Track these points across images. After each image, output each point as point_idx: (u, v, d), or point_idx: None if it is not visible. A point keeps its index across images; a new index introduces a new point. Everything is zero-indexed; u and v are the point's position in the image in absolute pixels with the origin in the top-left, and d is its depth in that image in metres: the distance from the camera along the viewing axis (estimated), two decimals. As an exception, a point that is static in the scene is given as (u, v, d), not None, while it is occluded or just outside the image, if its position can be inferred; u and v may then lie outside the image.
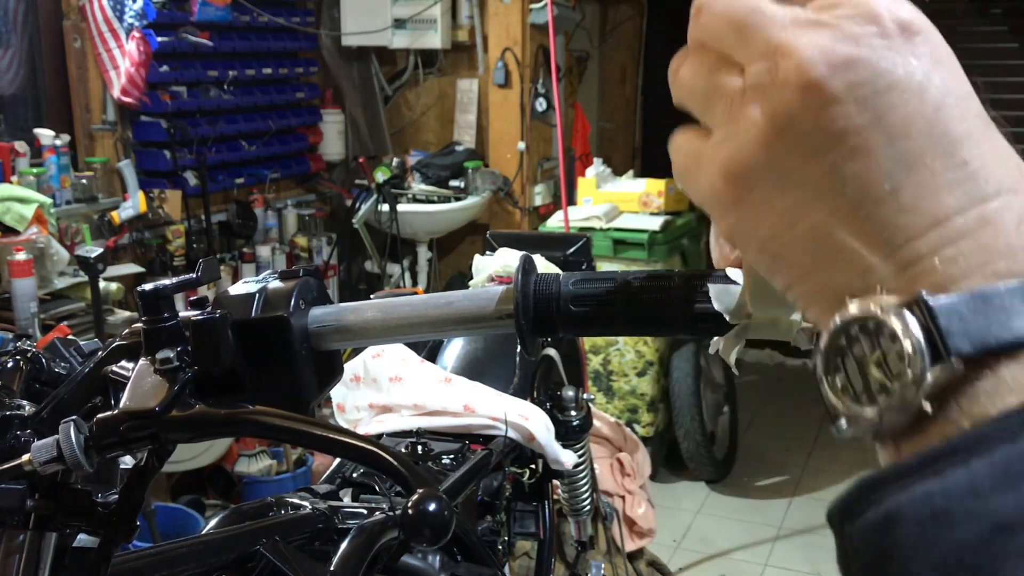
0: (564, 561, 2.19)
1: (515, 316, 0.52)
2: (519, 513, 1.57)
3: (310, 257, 4.44)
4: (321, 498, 1.02)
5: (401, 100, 4.78)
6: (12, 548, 0.61)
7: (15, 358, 0.72)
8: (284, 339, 0.56)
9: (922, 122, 0.33)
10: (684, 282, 0.50)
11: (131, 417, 0.57)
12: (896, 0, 0.35)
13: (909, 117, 0.33)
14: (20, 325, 2.74)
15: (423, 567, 1.09)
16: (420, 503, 0.52)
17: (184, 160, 3.79)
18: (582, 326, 0.52)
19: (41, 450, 0.57)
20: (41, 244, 2.88)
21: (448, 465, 1.26)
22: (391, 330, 0.56)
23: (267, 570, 0.83)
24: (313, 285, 0.60)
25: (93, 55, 3.55)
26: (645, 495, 2.86)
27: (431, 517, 0.52)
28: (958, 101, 0.34)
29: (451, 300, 0.55)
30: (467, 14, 4.43)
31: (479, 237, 4.43)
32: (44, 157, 3.29)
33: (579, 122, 4.84)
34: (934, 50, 0.35)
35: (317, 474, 3.32)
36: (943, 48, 0.35)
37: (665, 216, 3.76)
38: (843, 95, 0.33)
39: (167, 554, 0.79)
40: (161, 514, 2.76)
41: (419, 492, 0.53)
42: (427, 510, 0.52)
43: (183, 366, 0.57)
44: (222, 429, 0.58)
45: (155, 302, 0.59)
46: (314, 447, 0.59)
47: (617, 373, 3.66)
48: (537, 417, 1.41)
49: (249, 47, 4.12)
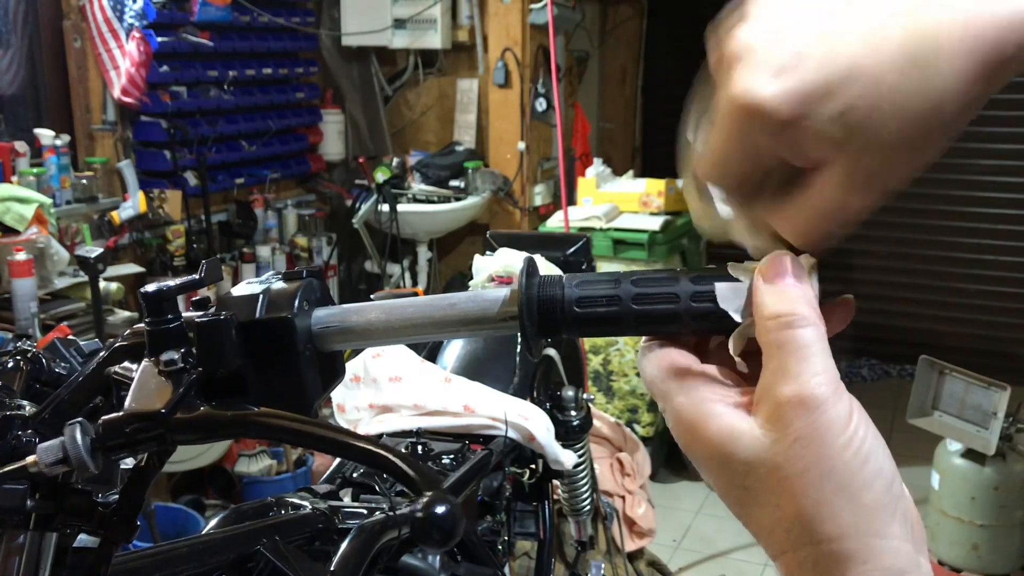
0: (564, 561, 2.19)
1: (519, 318, 0.52)
2: (519, 513, 1.58)
3: (310, 257, 4.44)
4: (321, 498, 1.02)
5: (401, 100, 4.78)
6: (13, 548, 0.61)
7: (15, 358, 0.72)
8: (288, 340, 0.56)
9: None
10: (688, 281, 0.50)
11: (137, 419, 0.57)
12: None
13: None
14: (20, 325, 2.74)
15: (423, 567, 1.09)
16: (430, 506, 0.52)
17: (184, 160, 3.79)
18: (586, 327, 0.52)
19: (47, 452, 0.57)
20: (41, 244, 2.88)
21: (448, 465, 1.26)
22: (395, 331, 0.56)
23: (267, 570, 0.83)
24: (316, 286, 0.60)
25: (93, 55, 3.55)
26: (645, 495, 2.86)
27: (441, 520, 0.52)
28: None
29: (454, 302, 0.55)
30: (467, 14, 4.43)
31: (479, 237, 4.42)
32: (44, 157, 3.29)
33: (579, 122, 4.84)
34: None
35: (317, 474, 3.32)
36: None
37: (665, 216, 3.76)
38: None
39: (167, 554, 0.79)
40: (161, 514, 2.76)
41: (429, 495, 0.53)
42: (437, 513, 0.52)
43: (187, 367, 0.57)
44: (228, 431, 0.58)
45: (158, 303, 0.59)
46: (321, 449, 0.59)
47: (617, 373, 3.66)
48: (537, 417, 1.41)
49: (249, 47, 4.12)
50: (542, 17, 4.09)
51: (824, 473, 0.44)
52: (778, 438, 0.45)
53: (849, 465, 0.44)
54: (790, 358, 0.45)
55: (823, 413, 0.44)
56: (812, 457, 0.44)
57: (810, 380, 0.45)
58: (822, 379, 0.45)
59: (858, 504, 0.43)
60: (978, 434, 2.93)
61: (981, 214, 4.97)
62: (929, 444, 3.12)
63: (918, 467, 3.13)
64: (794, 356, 0.45)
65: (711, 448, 0.47)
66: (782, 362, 0.45)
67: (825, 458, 0.44)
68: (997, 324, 5.02)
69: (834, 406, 0.44)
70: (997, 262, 4.97)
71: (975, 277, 5.02)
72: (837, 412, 0.44)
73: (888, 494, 0.44)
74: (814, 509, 0.44)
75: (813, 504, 0.44)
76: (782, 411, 0.45)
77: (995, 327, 5.02)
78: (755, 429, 0.46)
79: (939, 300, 5.12)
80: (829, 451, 0.44)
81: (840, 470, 0.44)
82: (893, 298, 5.22)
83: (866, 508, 0.44)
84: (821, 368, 0.45)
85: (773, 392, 0.45)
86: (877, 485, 0.44)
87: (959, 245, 5.05)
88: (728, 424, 0.47)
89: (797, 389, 0.44)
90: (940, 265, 5.10)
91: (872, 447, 0.45)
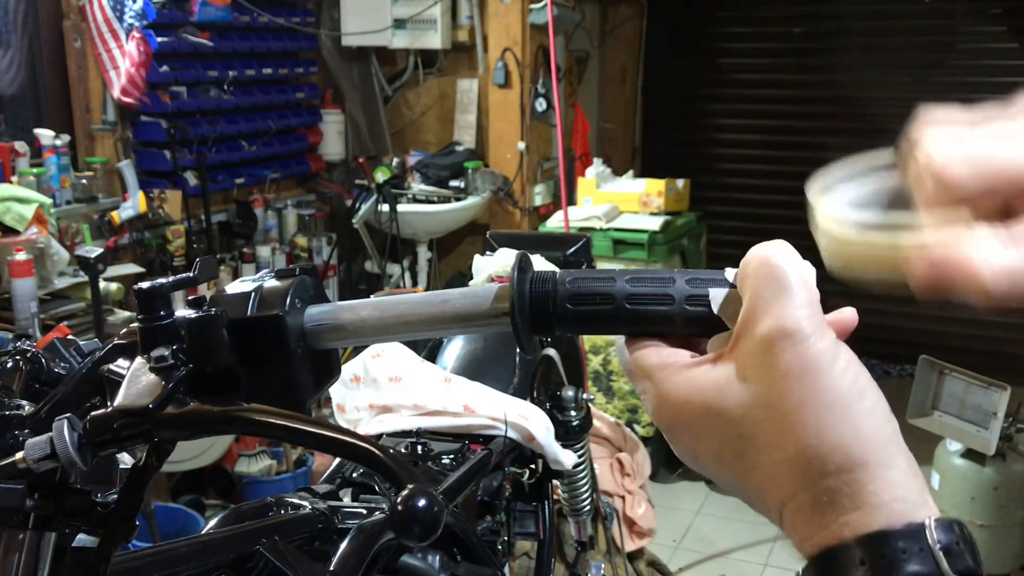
0: (564, 561, 2.19)
1: (511, 314, 0.52)
2: (519, 513, 1.57)
3: (310, 257, 4.44)
4: (321, 498, 1.02)
5: (401, 100, 4.78)
6: (12, 548, 0.61)
7: (15, 358, 0.72)
8: (279, 338, 0.56)
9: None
10: (683, 283, 0.50)
11: (125, 415, 0.57)
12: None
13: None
14: (20, 325, 2.74)
15: (423, 567, 1.08)
16: (409, 499, 0.52)
17: (184, 160, 3.79)
18: (579, 324, 0.52)
19: (34, 447, 0.57)
20: (41, 244, 2.88)
21: (448, 465, 1.26)
22: (387, 328, 0.56)
23: (267, 570, 0.83)
24: (309, 284, 0.60)
25: (93, 55, 3.55)
26: (645, 495, 2.86)
27: (421, 513, 0.51)
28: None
29: (447, 298, 0.55)
30: (467, 14, 4.43)
31: (479, 237, 4.42)
32: (44, 157, 3.29)
33: (579, 122, 4.84)
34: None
35: (317, 474, 3.32)
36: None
37: (665, 216, 3.75)
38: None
39: (167, 554, 0.78)
40: (161, 514, 2.76)
41: (408, 488, 0.52)
42: (416, 506, 0.51)
43: (178, 364, 0.57)
44: (215, 426, 0.57)
45: (151, 301, 0.59)
46: (307, 444, 0.59)
47: (617, 373, 3.66)
48: (537, 417, 1.41)
49: (249, 47, 4.12)
50: (542, 17, 4.08)
51: (823, 404, 0.42)
52: (765, 376, 0.43)
53: (847, 396, 0.42)
54: (769, 293, 0.44)
55: (810, 346, 0.42)
56: (807, 389, 0.42)
57: (793, 312, 0.43)
58: (805, 312, 0.43)
59: (862, 433, 0.42)
60: (978, 434, 2.93)
61: (981, 214, 4.96)
62: (929, 444, 3.12)
63: (918, 467, 3.13)
64: (773, 291, 0.44)
65: (698, 408, 0.46)
66: (761, 298, 0.44)
67: (821, 389, 0.42)
68: (997, 324, 5.02)
69: (821, 339, 0.43)
70: (997, 262, 4.97)
71: (975, 277, 5.01)
72: (824, 344, 0.43)
73: (889, 424, 0.43)
74: (817, 440, 0.42)
75: (815, 435, 0.42)
76: (766, 346, 0.43)
77: (995, 327, 5.02)
78: (736, 374, 0.44)
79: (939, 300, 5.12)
80: (824, 381, 0.42)
81: (838, 401, 0.42)
82: (893, 298, 5.20)
83: (870, 438, 0.42)
84: (804, 302, 0.43)
85: (752, 329, 0.44)
86: (878, 414, 0.43)
87: (959, 245, 5.04)
88: (711, 378, 0.46)
89: (778, 322, 0.43)
90: (940, 265, 5.09)
91: (867, 383, 0.43)
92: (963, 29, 4.80)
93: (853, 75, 5.12)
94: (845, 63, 5.14)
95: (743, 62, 5.37)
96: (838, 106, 5.18)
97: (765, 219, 5.43)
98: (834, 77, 5.17)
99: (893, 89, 5.02)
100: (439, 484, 1.09)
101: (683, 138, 5.48)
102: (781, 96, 5.30)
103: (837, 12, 5.11)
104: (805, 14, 5.18)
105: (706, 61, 5.40)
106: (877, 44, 5.01)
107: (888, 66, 5.00)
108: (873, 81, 5.06)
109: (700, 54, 5.42)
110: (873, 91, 5.07)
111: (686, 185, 3.96)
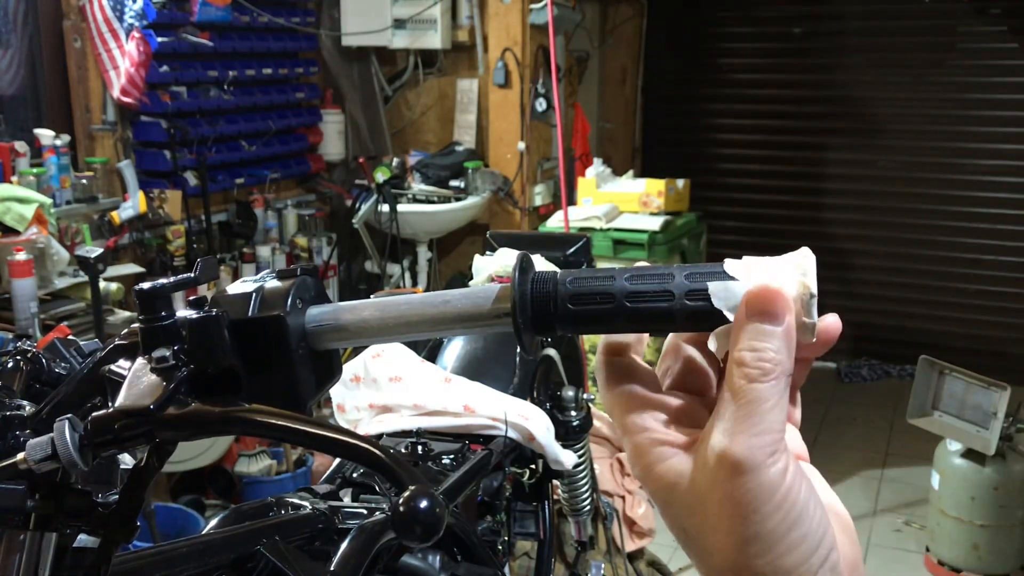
0: (564, 561, 2.19)
1: (512, 315, 0.52)
2: (519, 513, 1.57)
3: (310, 257, 4.44)
4: (321, 498, 1.02)
5: (401, 100, 4.78)
6: (12, 548, 0.61)
7: (15, 358, 0.72)
8: (280, 338, 0.56)
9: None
10: (683, 278, 0.50)
11: (126, 415, 0.57)
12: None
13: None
14: (20, 325, 2.74)
15: (423, 567, 1.09)
16: (411, 500, 0.52)
17: (184, 160, 3.79)
18: (580, 324, 0.52)
19: (35, 448, 0.57)
20: (41, 244, 2.88)
21: (448, 465, 1.26)
22: (388, 329, 0.56)
23: (267, 570, 0.83)
24: (311, 284, 0.60)
25: (93, 55, 3.55)
26: (645, 495, 2.86)
27: (422, 514, 0.51)
28: None
29: (448, 299, 0.55)
30: (467, 14, 4.43)
31: (479, 237, 4.43)
32: (44, 157, 3.29)
33: (579, 122, 4.84)
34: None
35: (317, 474, 3.32)
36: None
37: (665, 216, 3.76)
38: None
39: (167, 554, 0.79)
40: (161, 514, 2.76)
41: (410, 489, 0.52)
42: (418, 507, 0.51)
43: (179, 365, 0.57)
44: (217, 427, 0.57)
45: (152, 301, 0.59)
46: (307, 444, 0.59)
47: (617, 373, 3.65)
48: (537, 417, 1.41)
49: (249, 47, 4.12)
50: (542, 17, 4.09)
51: (748, 538, 0.44)
52: (707, 493, 0.45)
53: (774, 532, 0.43)
54: (739, 411, 0.45)
55: (752, 479, 0.43)
56: (737, 519, 0.44)
57: (746, 441, 0.44)
58: (758, 441, 0.44)
59: (779, 568, 0.44)
60: (978, 434, 2.94)
61: (981, 214, 4.97)
62: (929, 444, 3.12)
63: (918, 467, 3.13)
64: (743, 409, 0.45)
65: (656, 488, 0.49)
66: (730, 411, 0.45)
67: (751, 523, 0.44)
68: (997, 324, 5.02)
69: (767, 470, 0.44)
70: (997, 262, 4.97)
71: (975, 277, 5.02)
72: (768, 477, 0.44)
73: (814, 556, 0.44)
74: (734, 571, 0.44)
75: (733, 565, 0.44)
76: (716, 465, 0.45)
77: (995, 327, 5.02)
78: (690, 473, 0.47)
79: (939, 300, 5.12)
80: (755, 516, 0.44)
81: (763, 536, 0.43)
82: (893, 298, 5.22)
83: (787, 572, 0.44)
84: (764, 428, 0.44)
85: (710, 440, 0.45)
86: (802, 549, 0.44)
87: (959, 245, 5.05)
88: (672, 469, 0.48)
89: (730, 448, 0.44)
90: (940, 265, 5.11)
91: (802, 512, 0.44)
92: (963, 29, 4.81)
93: (853, 75, 5.12)
94: (845, 63, 5.14)
95: (743, 62, 5.37)
96: (838, 106, 5.18)
97: (765, 219, 5.43)
98: (834, 77, 5.18)
99: (893, 89, 5.02)
100: (439, 484, 1.09)
101: (683, 138, 5.48)
102: (781, 96, 5.30)
103: (837, 12, 5.12)
104: (805, 14, 5.18)
105: (706, 61, 5.40)
106: (877, 44, 5.01)
107: (888, 66, 5.01)
108: (873, 81, 5.06)
109: (700, 54, 5.42)
110: (873, 91, 5.07)
111: (686, 185, 3.96)
